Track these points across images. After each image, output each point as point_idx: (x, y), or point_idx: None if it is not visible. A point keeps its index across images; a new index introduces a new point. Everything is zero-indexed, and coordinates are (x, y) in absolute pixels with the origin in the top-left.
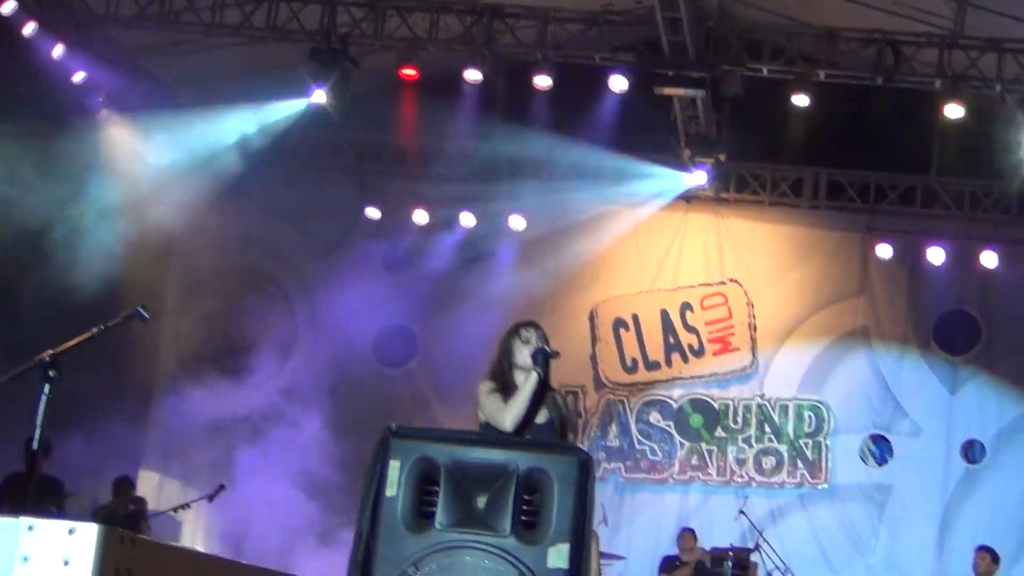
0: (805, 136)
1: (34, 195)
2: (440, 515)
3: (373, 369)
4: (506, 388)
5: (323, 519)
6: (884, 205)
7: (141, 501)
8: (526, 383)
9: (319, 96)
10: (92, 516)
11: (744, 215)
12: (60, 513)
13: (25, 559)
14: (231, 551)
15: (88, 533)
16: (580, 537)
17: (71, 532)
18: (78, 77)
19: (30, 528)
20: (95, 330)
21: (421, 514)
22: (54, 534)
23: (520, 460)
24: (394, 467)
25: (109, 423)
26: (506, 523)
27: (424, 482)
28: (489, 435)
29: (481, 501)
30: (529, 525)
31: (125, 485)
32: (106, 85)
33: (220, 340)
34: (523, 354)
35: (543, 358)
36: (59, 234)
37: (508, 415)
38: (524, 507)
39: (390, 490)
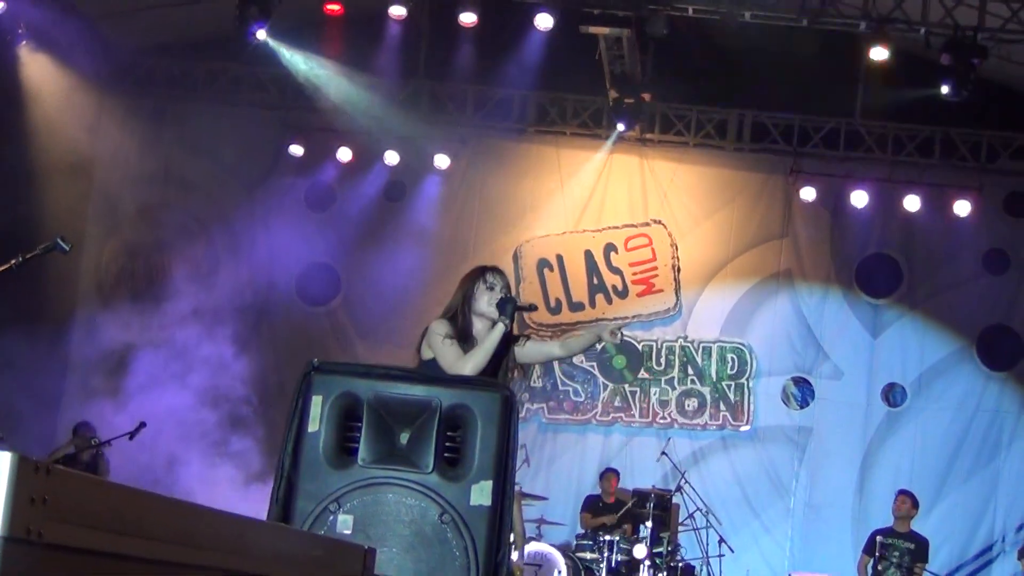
0: (729, 78)
1: None
2: (362, 451)
3: (296, 307)
4: (465, 336)
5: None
6: (808, 148)
7: (99, 445)
8: (491, 334)
9: (261, 35)
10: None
11: (668, 156)
12: None
13: None
14: (149, 481)
15: (1, 462)
16: (503, 474)
17: None
18: None
19: None
20: (13, 261)
21: (343, 450)
22: None
23: (443, 396)
24: (316, 402)
25: (28, 356)
26: (429, 459)
27: (346, 417)
28: (413, 371)
29: (404, 437)
30: (452, 462)
31: (85, 429)
32: (25, 17)
33: (140, 273)
34: (484, 300)
35: (512, 309)
36: None
37: (468, 366)
38: (447, 443)
39: (312, 425)
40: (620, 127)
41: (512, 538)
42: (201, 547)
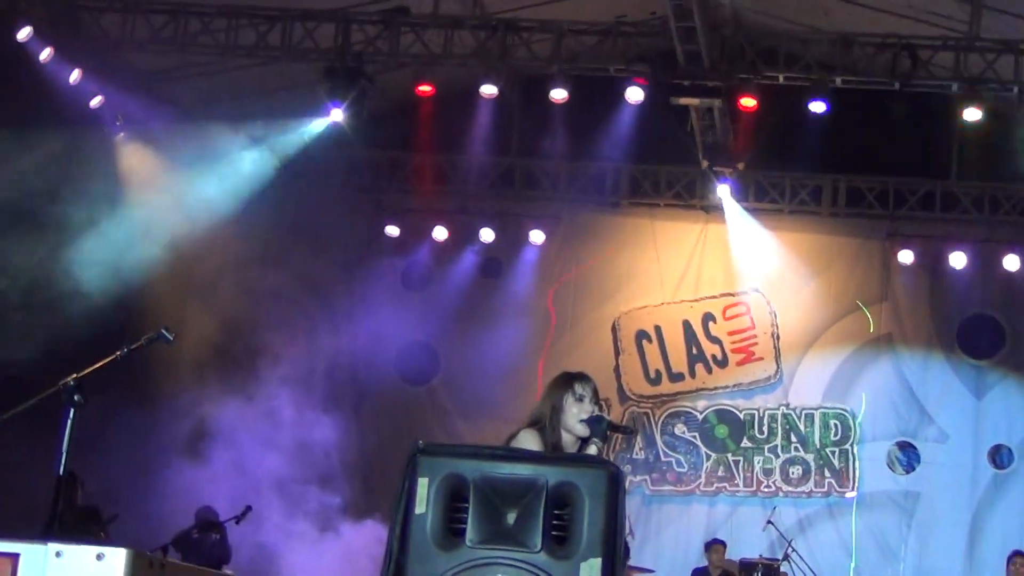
0: (823, 143)
1: (56, 216)
2: (470, 532)
3: (396, 386)
4: (555, 450)
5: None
6: (904, 210)
7: (223, 528)
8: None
9: (336, 115)
10: (172, 543)
11: (764, 224)
12: (105, 540)
13: None
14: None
15: (117, 558)
16: (612, 551)
17: (99, 558)
18: (95, 101)
19: (58, 554)
20: (119, 353)
21: (451, 531)
22: (83, 560)
23: (549, 474)
24: (423, 484)
25: (135, 436)
26: (536, 538)
27: (453, 499)
28: (518, 450)
29: (511, 517)
30: (560, 540)
31: (207, 513)
32: (123, 108)
33: (242, 360)
34: (574, 414)
35: (605, 429)
36: (83, 255)
37: None
38: (554, 522)
39: (419, 507)
40: (720, 194)
41: None
42: None
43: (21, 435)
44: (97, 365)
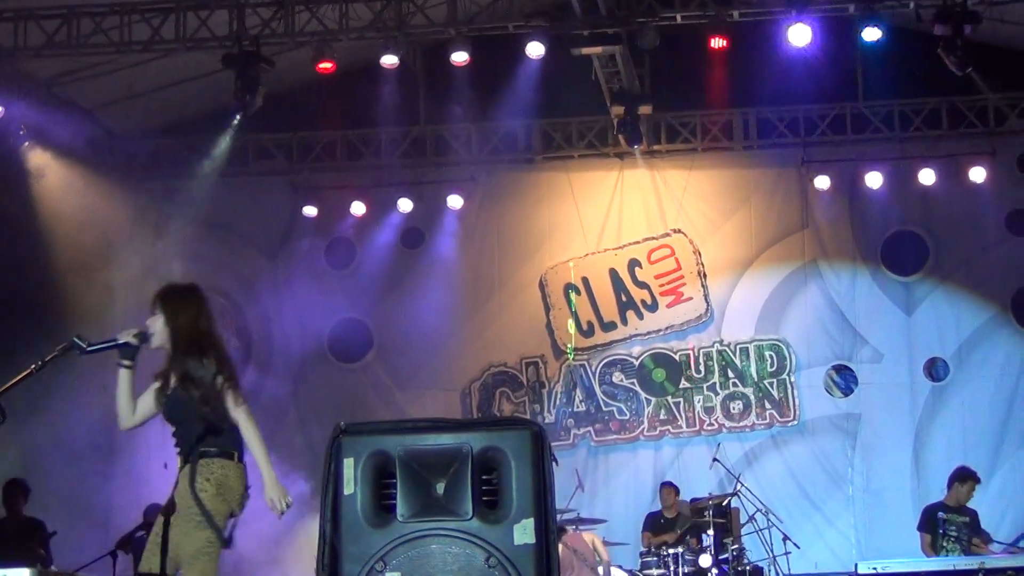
0: (728, 79)
1: None
2: (400, 507)
3: (331, 366)
4: None
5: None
6: (816, 136)
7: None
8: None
9: (242, 103)
10: (118, 546)
11: (679, 164)
12: (41, 556)
13: None
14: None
15: None
16: (544, 510)
17: None
18: None
19: None
20: (33, 367)
21: (381, 508)
22: None
23: (473, 441)
24: (348, 464)
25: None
26: (467, 506)
27: (380, 475)
28: (440, 420)
29: (440, 487)
30: (491, 504)
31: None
32: (24, 118)
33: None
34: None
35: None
36: None
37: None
38: (483, 487)
39: (347, 488)
40: (632, 143)
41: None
42: None
43: None
44: (12, 382)
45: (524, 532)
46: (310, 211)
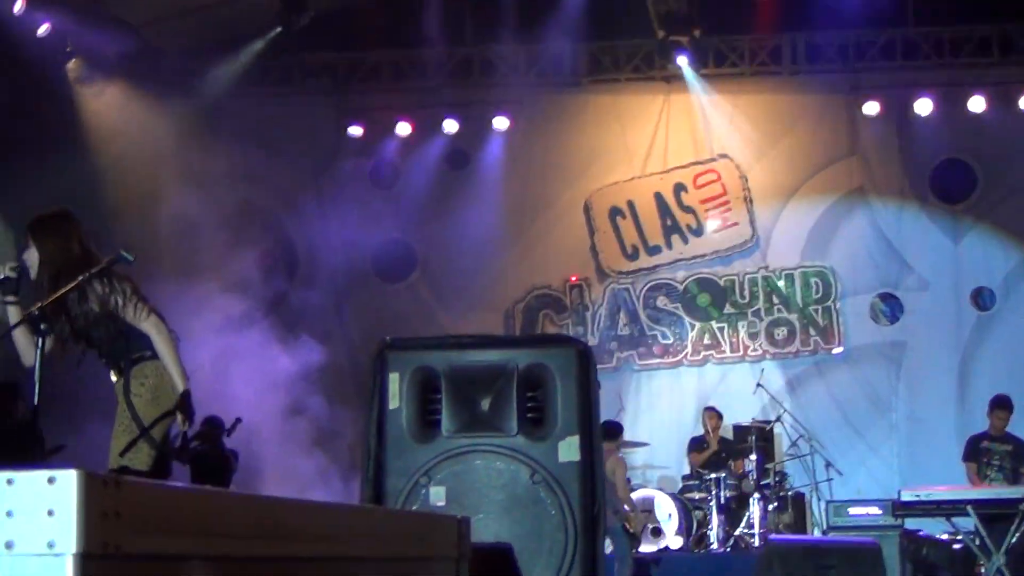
0: (778, 1)
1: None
2: (445, 422)
3: (376, 286)
4: None
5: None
6: (865, 63)
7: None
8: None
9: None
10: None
11: (726, 89)
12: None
13: (10, 514)
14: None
15: (68, 481)
16: (589, 427)
17: (51, 481)
18: (42, 30)
19: (10, 482)
20: (81, 278)
21: (426, 423)
22: (35, 485)
23: (518, 358)
24: (393, 379)
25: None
26: (512, 422)
27: (425, 391)
28: (484, 337)
29: (485, 403)
30: (536, 422)
31: (216, 423)
32: (71, 34)
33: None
34: None
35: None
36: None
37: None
38: (528, 404)
39: (393, 402)
40: (679, 63)
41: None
42: (288, 538)
43: None
44: (59, 293)
45: (569, 449)
46: (355, 131)
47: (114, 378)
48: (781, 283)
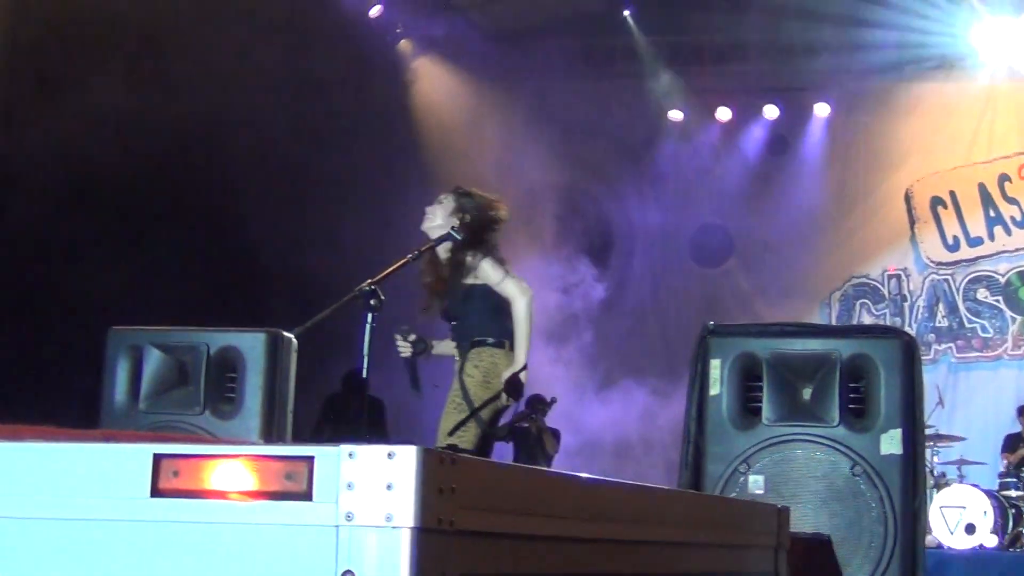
0: None
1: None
2: (766, 410)
3: (691, 271)
4: None
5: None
6: None
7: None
8: None
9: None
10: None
11: None
12: (382, 437)
13: (350, 486)
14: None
15: (407, 456)
16: (913, 420)
17: (390, 456)
18: (375, 11)
19: (351, 455)
20: (410, 255)
21: (747, 410)
22: (375, 459)
23: (842, 348)
24: (715, 365)
25: None
26: (834, 413)
27: (747, 377)
28: (808, 325)
29: (806, 392)
30: (858, 413)
31: (538, 401)
32: (402, 16)
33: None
34: None
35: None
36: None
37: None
38: (851, 395)
39: (713, 388)
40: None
41: None
42: (612, 520)
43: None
44: (391, 268)
45: (891, 442)
46: (675, 115)
47: (456, 356)
48: None
